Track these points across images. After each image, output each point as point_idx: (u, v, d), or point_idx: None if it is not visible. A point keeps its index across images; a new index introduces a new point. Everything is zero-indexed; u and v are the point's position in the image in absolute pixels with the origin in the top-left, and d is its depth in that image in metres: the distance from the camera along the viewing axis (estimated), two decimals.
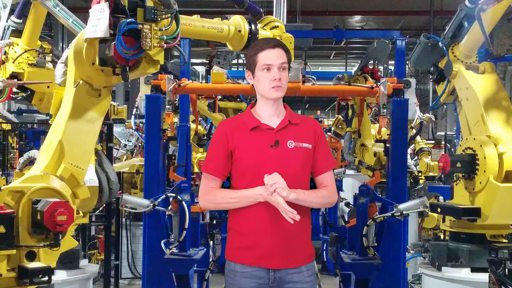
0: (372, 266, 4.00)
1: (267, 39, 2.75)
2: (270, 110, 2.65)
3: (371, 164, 6.10)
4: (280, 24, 4.24)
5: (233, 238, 2.68)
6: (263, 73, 2.58)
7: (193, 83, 4.28)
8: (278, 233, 2.57)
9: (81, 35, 3.07)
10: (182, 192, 4.01)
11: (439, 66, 4.67)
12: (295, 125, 2.66)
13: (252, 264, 2.59)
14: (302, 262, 2.65)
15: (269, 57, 2.56)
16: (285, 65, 2.59)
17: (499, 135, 4.06)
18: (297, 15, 13.28)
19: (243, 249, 2.62)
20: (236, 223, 2.66)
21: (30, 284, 2.60)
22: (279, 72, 2.57)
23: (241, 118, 2.72)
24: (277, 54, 2.57)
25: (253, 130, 2.62)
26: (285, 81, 2.60)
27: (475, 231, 4.29)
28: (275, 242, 2.57)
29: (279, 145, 2.59)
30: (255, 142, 2.60)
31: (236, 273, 2.63)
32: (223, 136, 2.64)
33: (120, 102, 14.64)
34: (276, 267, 2.59)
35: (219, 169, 2.64)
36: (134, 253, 7.94)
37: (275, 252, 2.58)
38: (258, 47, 2.61)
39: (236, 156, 2.61)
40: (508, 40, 13.71)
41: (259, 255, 2.58)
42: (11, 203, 2.66)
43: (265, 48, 2.58)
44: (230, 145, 2.62)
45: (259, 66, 2.59)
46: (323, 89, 5.12)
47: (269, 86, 2.58)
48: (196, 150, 6.94)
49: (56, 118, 3.24)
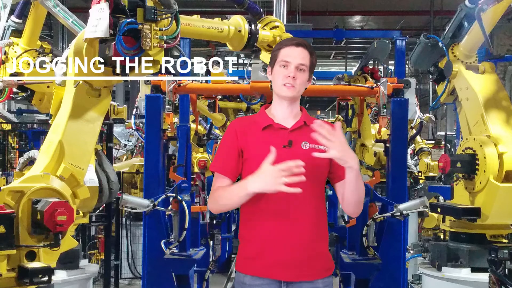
0: (372, 266, 4.00)
1: (294, 38, 2.59)
2: (285, 111, 2.49)
3: (371, 164, 6.10)
4: (280, 24, 4.24)
5: (243, 248, 2.48)
6: (280, 68, 2.45)
7: (193, 83, 4.28)
8: (291, 241, 2.36)
9: (81, 35, 3.08)
10: (182, 192, 4.01)
11: (439, 66, 4.67)
12: (310, 127, 2.44)
13: (261, 276, 2.37)
14: (319, 276, 2.42)
15: (290, 53, 2.44)
16: (304, 67, 2.43)
17: (499, 135, 4.06)
18: (297, 15, 13.28)
19: (252, 258, 2.41)
20: (245, 231, 2.47)
21: (30, 284, 2.60)
22: (295, 71, 2.42)
23: (253, 118, 2.58)
24: (299, 53, 2.44)
25: (265, 129, 2.46)
26: (301, 82, 2.44)
27: (475, 231, 4.29)
28: (287, 251, 2.36)
29: (293, 145, 2.42)
30: (266, 142, 2.40)
31: (245, 285, 2.41)
32: (233, 134, 2.48)
33: (120, 102, 14.65)
34: (289, 279, 2.37)
35: (227, 168, 2.45)
36: (134, 253, 7.94)
37: (288, 262, 2.36)
38: (283, 43, 2.50)
39: (247, 155, 2.45)
40: (508, 40, 13.71)
41: (268, 265, 2.37)
42: (11, 203, 2.66)
43: (288, 45, 2.46)
44: (240, 144, 2.45)
45: (278, 61, 2.46)
46: (323, 89, 5.12)
47: (281, 83, 2.44)
48: (196, 150, 6.93)
49: (56, 118, 3.24)
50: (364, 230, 4.00)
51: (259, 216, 2.40)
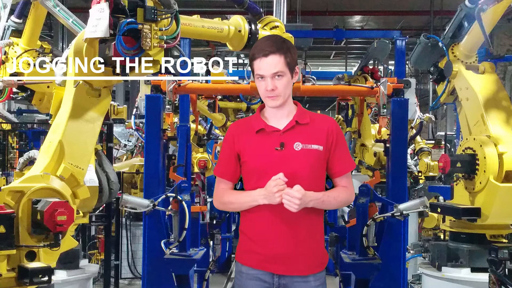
0: (372, 266, 4.00)
1: (264, 43, 2.50)
2: (276, 112, 2.55)
3: (371, 164, 6.10)
4: (280, 24, 4.24)
5: (242, 241, 2.63)
6: (258, 81, 2.50)
7: (193, 83, 4.28)
8: (286, 237, 2.49)
9: (81, 35, 3.07)
10: (182, 192, 4.00)
11: (439, 66, 4.67)
12: (304, 126, 2.55)
13: (256, 267, 2.54)
14: (310, 271, 2.54)
15: (261, 66, 2.45)
16: (280, 73, 2.44)
17: (499, 135, 4.06)
18: (297, 15, 13.28)
19: (250, 252, 2.57)
20: (244, 226, 2.61)
21: (30, 284, 2.60)
22: (272, 82, 2.44)
23: (249, 120, 2.64)
24: (270, 63, 2.43)
25: (259, 132, 2.55)
26: (283, 88, 2.47)
27: (475, 231, 4.29)
28: (281, 247, 2.49)
29: (285, 147, 2.49)
30: (260, 145, 2.52)
31: (242, 274, 2.59)
32: (230, 139, 2.60)
33: (120, 102, 14.64)
34: (281, 272, 2.52)
35: (226, 172, 2.60)
36: (134, 253, 7.95)
37: (281, 257, 2.50)
38: (253, 53, 2.49)
39: (243, 159, 2.56)
40: (508, 40, 13.71)
41: (264, 259, 2.52)
42: (11, 203, 2.66)
43: (257, 57, 2.46)
44: (237, 148, 2.57)
45: (255, 74, 2.51)
46: (323, 89, 5.12)
47: (264, 95, 2.51)
48: (196, 150, 6.94)
49: (56, 118, 3.24)
50: (364, 230, 4.00)
51: (257, 211, 2.52)
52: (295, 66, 2.52)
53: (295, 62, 2.52)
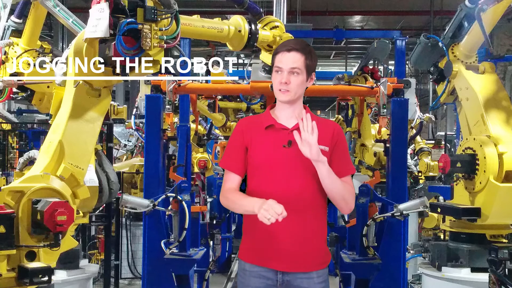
0: (372, 266, 4.00)
1: (290, 41, 2.69)
2: (286, 111, 2.63)
3: (371, 164, 6.10)
4: (280, 24, 4.23)
5: (245, 238, 2.67)
6: (275, 74, 2.58)
7: (193, 83, 4.28)
8: (289, 235, 2.52)
9: (81, 35, 3.07)
10: (182, 192, 4.01)
11: (439, 66, 4.67)
12: None
13: (260, 264, 2.57)
14: (313, 268, 2.58)
15: (281, 59, 2.55)
16: (297, 70, 2.54)
17: (499, 135, 4.06)
18: (297, 15, 13.28)
19: (253, 249, 2.60)
20: (248, 223, 2.64)
21: (30, 284, 2.60)
22: (288, 76, 2.54)
23: (259, 117, 2.72)
24: (290, 58, 2.54)
25: (268, 128, 2.61)
26: (296, 85, 2.56)
27: (475, 231, 4.29)
28: (285, 244, 2.53)
29: (293, 145, 2.53)
30: (268, 141, 2.59)
31: (245, 271, 2.62)
32: (240, 132, 2.65)
33: (120, 102, 14.65)
34: (284, 269, 2.55)
35: (234, 165, 2.63)
36: (134, 253, 7.95)
37: (284, 254, 2.53)
38: (278, 48, 2.62)
39: (250, 153, 2.61)
40: (508, 40, 13.71)
41: (267, 256, 2.55)
42: (11, 203, 2.66)
43: (280, 51, 2.57)
44: (246, 142, 2.62)
45: (274, 67, 2.60)
46: (323, 89, 5.11)
47: (277, 88, 2.58)
48: (196, 150, 6.94)
49: (56, 118, 3.24)
50: (364, 230, 4.00)
51: None
52: (312, 72, 2.61)
53: (313, 67, 2.61)
